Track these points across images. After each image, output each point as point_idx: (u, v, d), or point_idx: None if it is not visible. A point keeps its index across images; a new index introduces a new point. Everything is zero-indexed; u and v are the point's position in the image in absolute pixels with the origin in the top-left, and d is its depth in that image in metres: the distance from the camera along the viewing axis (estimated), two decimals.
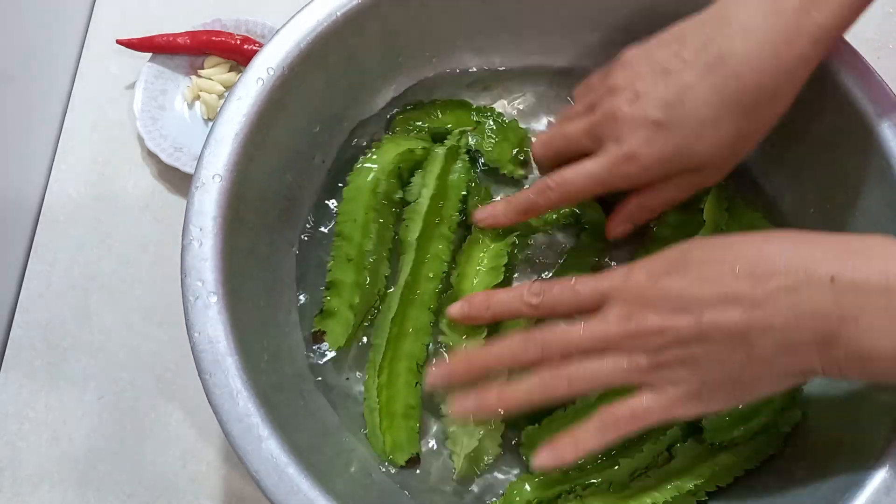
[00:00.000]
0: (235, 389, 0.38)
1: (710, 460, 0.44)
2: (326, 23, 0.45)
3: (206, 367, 0.38)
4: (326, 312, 0.47)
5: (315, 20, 0.45)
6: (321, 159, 0.51)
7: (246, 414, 0.38)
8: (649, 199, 0.45)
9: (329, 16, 0.45)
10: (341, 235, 0.48)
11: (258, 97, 0.43)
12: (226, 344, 0.39)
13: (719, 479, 0.44)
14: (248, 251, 0.44)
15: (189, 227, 0.41)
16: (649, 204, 0.46)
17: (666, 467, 0.44)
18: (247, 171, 0.43)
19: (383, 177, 0.49)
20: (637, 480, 0.44)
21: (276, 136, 0.45)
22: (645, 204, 0.46)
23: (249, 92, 0.43)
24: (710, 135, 0.40)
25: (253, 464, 0.37)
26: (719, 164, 0.43)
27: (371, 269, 0.47)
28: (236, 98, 0.43)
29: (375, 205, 0.48)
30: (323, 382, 0.47)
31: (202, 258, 0.40)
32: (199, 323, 0.39)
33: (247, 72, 0.44)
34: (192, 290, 0.40)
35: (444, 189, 0.48)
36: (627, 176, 0.43)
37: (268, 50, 0.45)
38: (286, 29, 0.45)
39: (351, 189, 0.49)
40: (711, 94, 0.40)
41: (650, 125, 0.41)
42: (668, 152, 0.41)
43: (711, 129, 0.40)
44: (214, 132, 0.43)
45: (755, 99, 0.40)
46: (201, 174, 0.42)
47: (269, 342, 0.44)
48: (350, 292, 0.47)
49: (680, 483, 0.43)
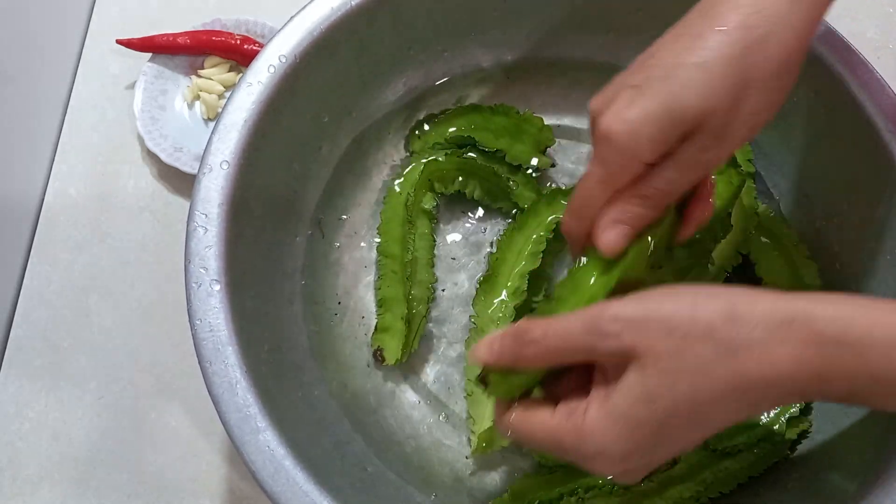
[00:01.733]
0: (235, 379, 0.38)
1: (713, 466, 0.44)
2: (340, 12, 0.46)
3: (206, 356, 0.38)
4: (381, 329, 0.48)
5: (329, 8, 0.45)
6: (328, 149, 0.51)
7: (244, 404, 0.38)
8: (646, 186, 0.36)
9: (343, 4, 0.45)
10: (384, 254, 0.50)
11: (269, 84, 0.44)
12: (227, 333, 0.39)
13: (722, 485, 0.44)
14: (252, 240, 0.44)
15: (194, 214, 0.41)
16: (647, 192, 0.36)
17: (669, 472, 0.44)
18: (254, 159, 0.43)
19: (412, 192, 0.50)
20: (640, 484, 0.44)
21: (284, 125, 0.45)
22: (645, 193, 0.36)
23: (260, 79, 0.43)
24: (699, 78, 0.34)
25: (249, 454, 0.37)
26: (721, 120, 0.35)
27: (415, 279, 0.50)
28: (247, 84, 0.43)
29: (410, 217, 0.50)
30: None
31: (207, 245, 0.40)
32: (200, 311, 0.39)
33: (259, 58, 0.44)
34: (196, 276, 0.40)
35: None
36: (616, 153, 0.35)
37: (281, 37, 0.45)
38: (299, 17, 0.45)
39: (387, 210, 0.51)
40: (698, 43, 0.34)
41: (629, 89, 0.35)
42: (653, 108, 0.34)
43: (699, 72, 0.34)
44: (224, 119, 0.43)
45: (744, 46, 0.34)
46: (209, 160, 0.42)
47: (270, 333, 0.44)
48: (399, 305, 0.48)
49: (682, 488, 0.43)
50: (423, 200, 0.51)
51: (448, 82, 0.55)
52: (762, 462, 0.44)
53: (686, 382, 0.30)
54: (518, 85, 0.56)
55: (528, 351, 0.33)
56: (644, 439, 0.31)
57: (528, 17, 0.52)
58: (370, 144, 0.54)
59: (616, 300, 0.31)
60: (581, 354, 0.32)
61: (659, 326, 0.30)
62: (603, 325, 0.31)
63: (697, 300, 0.30)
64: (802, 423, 0.45)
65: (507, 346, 0.33)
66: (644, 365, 0.30)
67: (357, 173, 0.53)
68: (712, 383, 0.30)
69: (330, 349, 0.49)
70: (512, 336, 0.33)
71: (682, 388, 0.30)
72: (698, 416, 0.30)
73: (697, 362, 0.29)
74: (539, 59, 0.55)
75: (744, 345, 0.29)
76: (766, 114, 0.36)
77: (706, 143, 0.35)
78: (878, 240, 0.45)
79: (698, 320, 0.30)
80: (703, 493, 0.43)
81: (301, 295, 0.49)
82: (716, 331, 0.29)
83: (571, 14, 0.52)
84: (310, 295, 0.49)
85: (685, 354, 0.29)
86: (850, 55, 0.45)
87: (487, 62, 0.55)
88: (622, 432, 0.31)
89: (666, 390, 0.30)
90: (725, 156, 0.37)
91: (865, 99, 0.44)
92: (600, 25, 0.53)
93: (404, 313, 0.48)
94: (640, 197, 0.36)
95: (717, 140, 0.35)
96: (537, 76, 0.56)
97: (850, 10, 0.63)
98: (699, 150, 0.35)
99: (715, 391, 0.30)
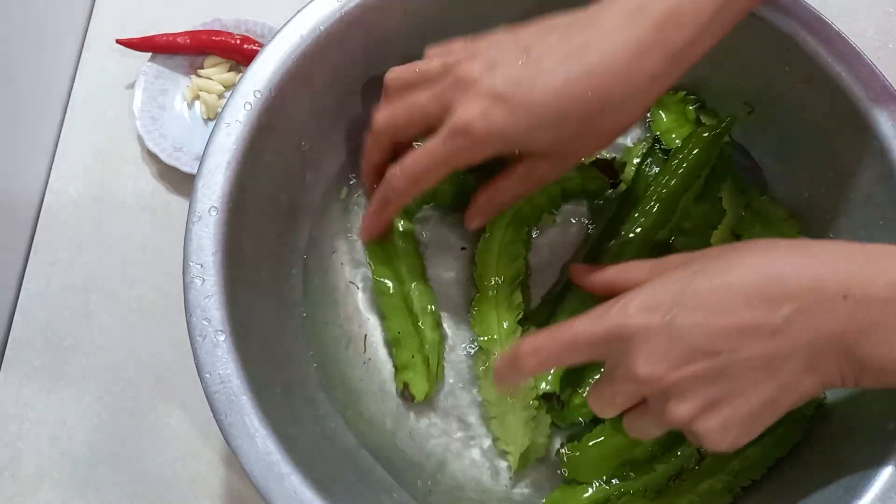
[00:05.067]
0: (253, 429, 0.37)
1: (738, 456, 0.44)
2: (309, 39, 0.45)
3: (220, 409, 0.38)
4: (401, 367, 0.48)
5: (298, 37, 0.45)
6: (313, 177, 0.51)
7: (266, 452, 0.37)
8: (495, 191, 0.44)
9: (312, 31, 0.45)
10: (383, 293, 0.49)
11: (247, 122, 0.43)
12: (238, 382, 0.38)
13: (751, 472, 0.44)
14: (250, 282, 0.43)
15: (189, 265, 0.40)
16: (496, 197, 0.45)
17: (698, 468, 0.44)
18: (242, 200, 0.42)
19: (399, 220, 0.50)
20: (673, 484, 0.44)
21: (267, 160, 0.45)
22: (492, 197, 0.45)
23: (238, 117, 0.43)
24: (553, 124, 0.39)
25: (276, 502, 0.36)
26: (558, 157, 0.42)
27: (419, 307, 0.48)
28: (225, 125, 0.43)
29: (401, 247, 0.49)
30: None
31: (206, 295, 0.39)
32: (209, 363, 0.38)
33: (234, 95, 0.43)
34: (199, 329, 0.39)
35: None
36: (462, 151, 0.40)
37: (253, 72, 0.44)
38: (269, 48, 0.44)
39: (374, 248, 0.49)
40: (563, 86, 0.38)
41: (493, 98, 0.39)
42: (505, 129, 0.39)
43: (555, 118, 0.39)
44: (206, 162, 0.42)
45: (601, 104, 0.38)
46: (197, 207, 0.41)
47: (280, 373, 0.44)
48: (412, 340, 0.48)
49: (713, 481, 0.44)
50: (410, 228, 0.51)
51: None
52: (785, 443, 0.44)
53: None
54: None
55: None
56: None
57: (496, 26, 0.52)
58: (355, 167, 0.53)
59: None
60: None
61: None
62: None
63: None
64: (817, 397, 0.45)
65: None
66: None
67: (344, 199, 0.53)
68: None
69: (339, 378, 0.49)
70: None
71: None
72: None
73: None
74: None
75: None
76: (599, 145, 0.42)
77: (543, 169, 0.43)
78: (866, 207, 0.45)
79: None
80: (734, 483, 0.44)
81: (304, 328, 0.49)
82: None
83: None
84: (312, 326, 0.49)
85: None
86: (824, 27, 0.46)
87: None
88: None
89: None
90: (554, 178, 0.44)
91: (843, 69, 0.45)
92: None
93: (419, 346, 0.47)
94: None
95: (553, 166, 0.43)
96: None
97: (850, 10, 0.63)
98: (538, 172, 0.43)
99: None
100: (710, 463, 0.44)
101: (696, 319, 0.34)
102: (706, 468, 0.44)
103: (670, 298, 0.35)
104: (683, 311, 0.34)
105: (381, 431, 0.47)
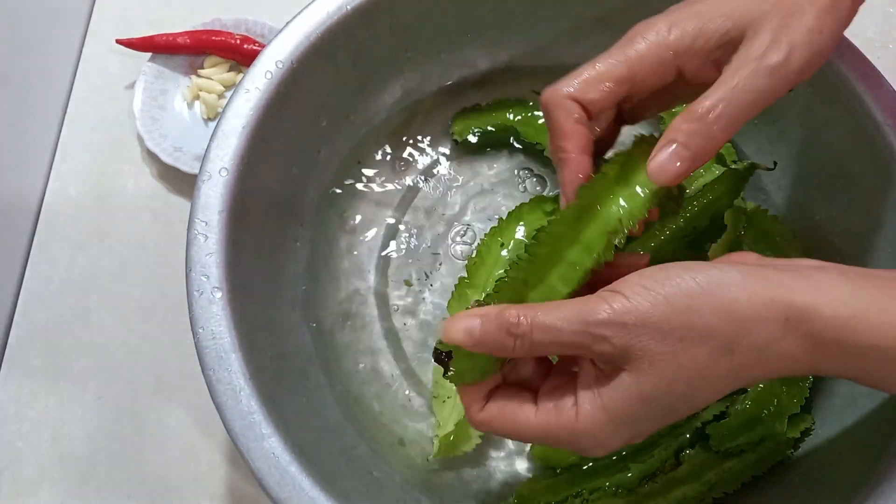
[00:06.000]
0: (238, 386, 0.38)
1: (717, 467, 0.44)
2: (337, 16, 0.45)
3: (209, 364, 0.38)
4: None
5: (325, 12, 0.45)
6: (327, 153, 0.51)
7: (249, 411, 0.37)
8: (698, 104, 0.34)
9: (339, 8, 0.45)
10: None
11: (267, 90, 0.43)
12: (230, 340, 0.39)
13: (726, 485, 0.44)
14: (253, 246, 0.44)
15: (195, 221, 0.41)
16: (700, 111, 0.34)
17: (673, 473, 0.44)
18: (253, 164, 0.43)
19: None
20: (644, 486, 0.44)
21: (282, 130, 0.45)
22: (698, 111, 0.34)
23: (258, 85, 0.43)
24: None
25: (255, 461, 0.37)
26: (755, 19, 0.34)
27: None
28: (244, 91, 0.43)
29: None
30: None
31: (207, 252, 0.40)
32: (203, 318, 0.39)
33: (256, 64, 0.44)
34: (197, 284, 0.39)
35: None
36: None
37: (277, 42, 0.44)
38: (296, 21, 0.45)
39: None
40: None
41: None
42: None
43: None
44: (222, 125, 0.42)
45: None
46: (208, 167, 0.42)
47: (273, 339, 0.44)
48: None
49: (686, 489, 0.43)
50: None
51: (446, 84, 0.55)
52: (765, 461, 0.44)
53: (683, 384, 0.29)
54: (518, 86, 0.56)
55: (512, 343, 0.31)
56: (641, 430, 0.31)
57: (525, 17, 0.52)
58: (369, 147, 0.54)
59: (606, 296, 0.30)
60: (570, 352, 0.31)
61: (654, 331, 0.29)
62: (594, 329, 0.30)
63: (693, 300, 0.29)
64: (805, 420, 0.45)
65: (490, 334, 0.31)
66: (639, 368, 0.29)
67: (357, 176, 0.53)
68: (710, 382, 0.30)
69: (333, 354, 0.49)
70: (496, 324, 0.31)
71: (680, 389, 0.30)
72: (692, 404, 0.31)
73: (695, 365, 0.29)
74: (538, 58, 0.55)
75: (742, 344, 0.29)
76: (826, 39, 0.33)
77: (764, 39, 0.33)
78: (878, 233, 0.45)
79: (695, 324, 0.29)
80: (708, 494, 0.43)
81: (303, 300, 0.49)
82: (713, 332, 0.29)
83: (569, 13, 0.52)
84: (312, 300, 0.49)
85: (682, 358, 0.29)
86: (847, 48, 0.45)
87: (485, 63, 0.55)
88: (619, 428, 0.31)
89: (663, 393, 0.30)
90: (791, 70, 0.33)
91: (863, 91, 0.44)
92: (599, 24, 0.53)
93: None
94: (697, 112, 0.33)
95: (777, 37, 0.33)
96: (538, 76, 0.55)
97: None
98: (760, 47, 0.33)
99: (712, 388, 0.30)
100: (685, 471, 0.44)
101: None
102: (681, 476, 0.44)
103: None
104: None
105: (367, 412, 0.48)
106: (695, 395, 0.30)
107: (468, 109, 0.55)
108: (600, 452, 0.32)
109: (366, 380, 0.49)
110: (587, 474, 0.44)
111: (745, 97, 0.33)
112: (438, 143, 0.55)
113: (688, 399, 0.30)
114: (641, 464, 0.44)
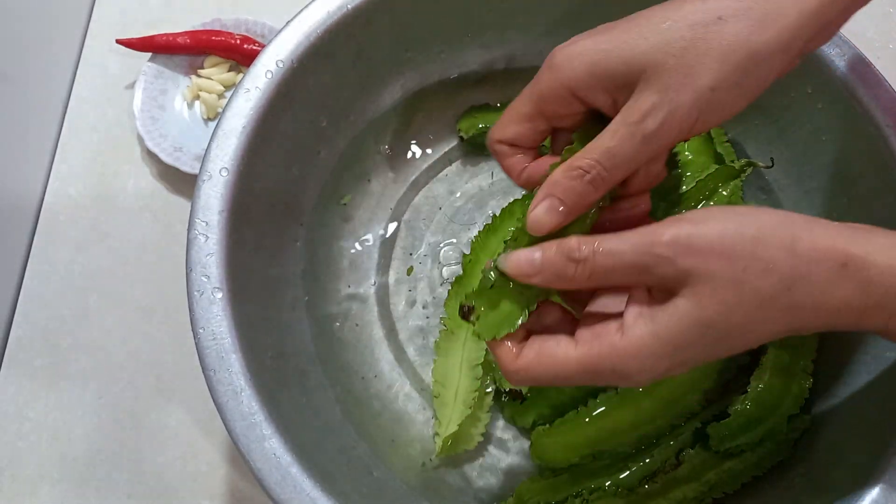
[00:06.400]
0: (239, 387, 0.38)
1: (717, 467, 0.44)
2: (337, 15, 0.45)
3: (210, 364, 0.38)
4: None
5: (325, 12, 0.45)
6: (326, 154, 0.51)
7: (249, 412, 0.38)
8: (581, 158, 0.35)
9: (339, 8, 0.45)
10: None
11: (267, 90, 0.43)
12: (230, 340, 0.39)
13: (726, 485, 0.44)
14: (253, 246, 0.44)
15: (195, 221, 0.41)
16: (582, 164, 0.34)
17: (673, 473, 0.44)
18: (253, 164, 0.43)
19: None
20: (644, 486, 0.44)
21: (282, 130, 0.45)
22: (580, 165, 0.34)
23: (258, 84, 0.43)
24: (653, 29, 0.34)
25: (256, 462, 0.37)
26: (668, 78, 0.33)
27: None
28: (244, 91, 0.43)
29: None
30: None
31: (208, 252, 0.40)
32: (203, 319, 0.39)
33: (256, 64, 0.44)
34: (198, 284, 0.39)
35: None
36: (552, 75, 0.36)
37: (277, 42, 0.44)
38: (296, 21, 0.45)
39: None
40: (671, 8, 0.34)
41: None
42: (600, 42, 0.35)
43: (657, 25, 0.34)
44: (222, 125, 0.42)
45: (717, 16, 0.33)
46: (208, 167, 0.42)
47: (273, 339, 0.44)
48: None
49: (686, 488, 0.43)
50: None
51: (445, 84, 0.55)
52: (766, 462, 0.44)
53: (742, 314, 0.30)
54: (517, 85, 0.55)
55: (573, 269, 0.31)
56: (687, 357, 0.31)
57: (524, 16, 0.52)
58: (369, 147, 0.54)
59: (673, 221, 0.31)
60: (631, 277, 0.31)
61: (719, 256, 0.30)
62: (659, 249, 0.30)
63: (761, 232, 0.30)
64: (804, 421, 0.45)
65: (551, 261, 0.31)
66: (700, 293, 0.30)
67: (356, 175, 0.53)
68: (766, 316, 0.30)
69: (333, 354, 0.49)
70: (556, 251, 0.31)
71: (737, 318, 0.30)
72: (745, 338, 0.31)
73: (755, 296, 0.30)
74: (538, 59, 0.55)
75: (801, 283, 0.30)
76: (725, 95, 0.33)
77: (646, 100, 0.33)
78: None
79: (761, 256, 0.30)
80: (707, 494, 0.43)
81: (303, 300, 0.49)
82: (777, 266, 0.30)
83: (568, 12, 0.52)
84: (311, 300, 0.49)
85: (744, 288, 0.30)
86: (847, 48, 0.45)
87: (485, 63, 0.55)
88: (669, 352, 0.31)
89: (721, 320, 0.30)
90: (668, 135, 0.33)
91: (863, 92, 0.44)
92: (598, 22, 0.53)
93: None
94: (575, 169, 0.33)
95: (660, 99, 0.32)
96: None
97: None
98: (639, 112, 0.33)
99: (767, 321, 0.30)
100: (685, 471, 0.44)
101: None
102: (681, 476, 0.44)
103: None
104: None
105: (367, 411, 0.48)
106: (749, 329, 0.30)
107: (476, 108, 0.55)
108: (644, 378, 0.31)
109: (366, 380, 0.49)
110: (587, 474, 0.44)
111: (620, 162, 0.33)
112: (439, 143, 0.56)
113: (742, 331, 0.30)
114: (641, 463, 0.44)
